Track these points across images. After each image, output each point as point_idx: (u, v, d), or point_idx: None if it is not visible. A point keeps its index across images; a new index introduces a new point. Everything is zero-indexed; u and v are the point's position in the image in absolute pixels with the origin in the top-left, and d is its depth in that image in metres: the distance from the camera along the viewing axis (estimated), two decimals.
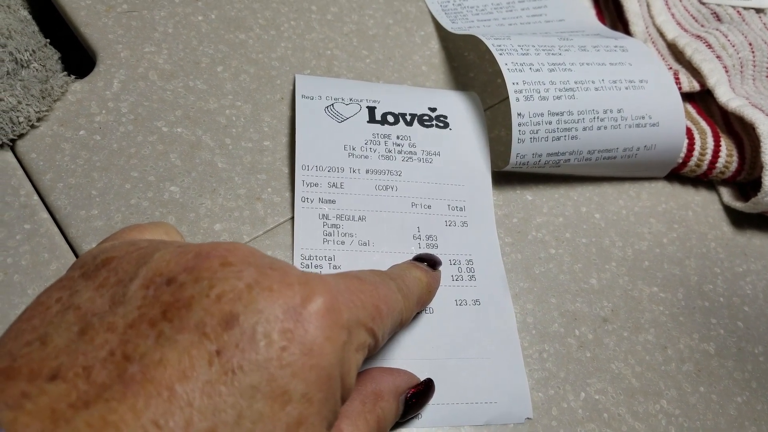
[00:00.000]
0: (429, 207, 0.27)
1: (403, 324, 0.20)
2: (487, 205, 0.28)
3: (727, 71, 0.32)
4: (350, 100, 0.28)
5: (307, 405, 0.14)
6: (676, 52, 0.34)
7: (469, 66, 0.32)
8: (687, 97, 0.33)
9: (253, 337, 0.13)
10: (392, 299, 0.19)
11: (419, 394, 0.21)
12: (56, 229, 0.24)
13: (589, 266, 0.28)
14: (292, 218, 0.25)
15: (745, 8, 0.37)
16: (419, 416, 0.22)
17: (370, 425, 0.19)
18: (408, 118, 0.29)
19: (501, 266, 0.26)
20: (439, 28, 0.33)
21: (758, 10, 0.37)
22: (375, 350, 0.18)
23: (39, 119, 0.25)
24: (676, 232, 0.30)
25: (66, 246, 0.24)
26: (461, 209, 0.27)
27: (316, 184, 0.26)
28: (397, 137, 0.28)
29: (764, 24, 0.36)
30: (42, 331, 0.13)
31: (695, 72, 0.32)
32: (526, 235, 0.28)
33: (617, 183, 0.30)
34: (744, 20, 0.36)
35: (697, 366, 0.26)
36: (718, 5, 0.37)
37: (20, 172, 0.25)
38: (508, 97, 0.32)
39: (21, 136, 0.25)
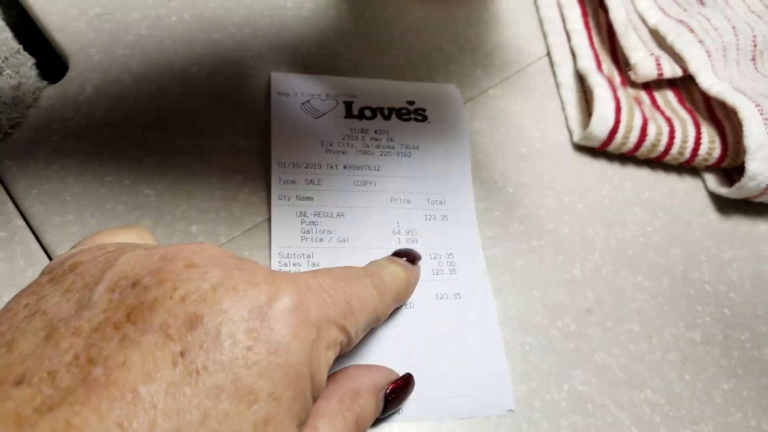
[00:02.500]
0: (408, 201, 0.26)
1: (379, 320, 0.20)
2: (467, 197, 0.27)
3: (709, 55, 0.32)
4: (326, 95, 0.28)
5: (274, 404, 0.14)
6: (658, 38, 0.33)
7: (449, 59, 0.32)
8: (669, 83, 0.33)
9: (217, 338, 0.13)
10: (366, 295, 0.19)
11: (399, 389, 0.21)
12: (31, 236, 0.24)
13: (572, 257, 0.27)
14: (269, 218, 0.25)
15: None
16: (400, 411, 0.22)
17: (348, 424, 0.18)
18: (386, 112, 0.28)
19: (482, 259, 0.26)
20: (418, 21, 0.33)
21: None
22: (348, 347, 0.18)
23: (12, 127, 0.25)
24: (660, 221, 0.29)
25: (41, 252, 0.23)
26: (441, 203, 0.27)
27: (293, 182, 0.26)
28: (375, 132, 0.28)
29: (748, 7, 0.36)
30: (9, 337, 0.13)
31: (678, 57, 0.32)
32: (508, 228, 0.28)
33: (599, 172, 0.30)
34: (727, 3, 0.35)
35: (682, 354, 0.26)
36: None
37: None
38: (487, 90, 0.31)
39: None
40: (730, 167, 0.31)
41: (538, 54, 0.33)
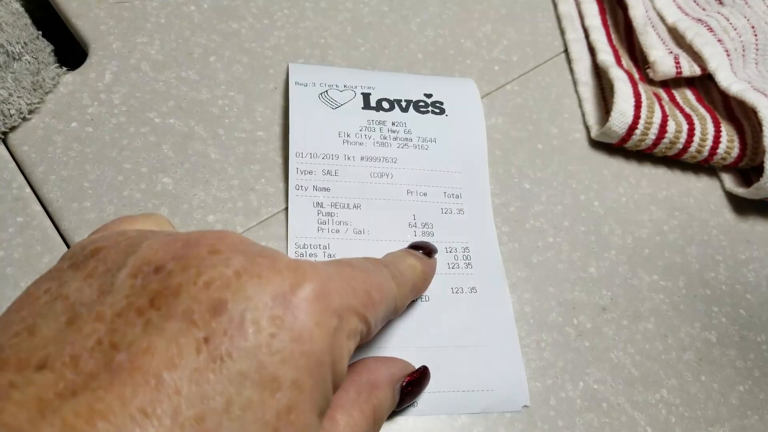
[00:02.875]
0: (425, 194, 0.26)
1: (397, 311, 0.20)
2: (483, 192, 0.27)
3: (728, 55, 0.32)
4: (344, 86, 0.28)
5: (297, 392, 0.13)
6: (676, 36, 0.33)
7: (466, 53, 0.32)
8: (687, 82, 0.33)
9: (241, 324, 0.13)
10: (385, 286, 0.18)
11: (415, 382, 0.21)
12: (49, 222, 0.24)
13: (588, 255, 0.27)
14: (286, 209, 0.25)
15: None
16: (415, 404, 0.22)
17: (365, 415, 0.18)
18: (403, 104, 0.28)
19: (498, 254, 0.26)
20: (435, 15, 0.33)
21: None
22: (368, 338, 0.18)
23: (31, 112, 0.25)
24: (677, 219, 0.29)
25: (59, 238, 0.23)
26: (457, 196, 0.27)
27: (310, 172, 0.25)
28: (393, 123, 0.28)
29: (767, 6, 0.35)
30: (30, 322, 0.13)
31: (696, 56, 0.32)
32: (524, 224, 0.27)
33: (616, 169, 0.30)
34: (746, 3, 0.35)
35: (698, 355, 0.26)
36: None
37: (12, 164, 0.24)
38: (505, 85, 0.31)
39: (13, 128, 0.25)
40: (748, 167, 0.30)
41: (556, 50, 0.33)
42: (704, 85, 0.33)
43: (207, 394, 0.12)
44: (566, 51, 0.33)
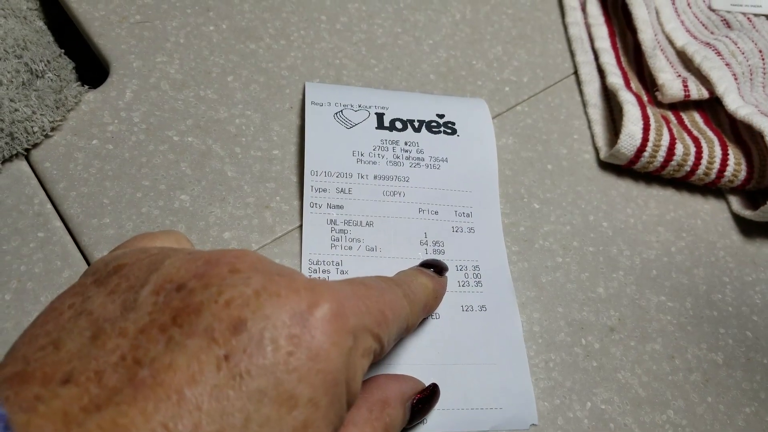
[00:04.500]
0: (436, 213, 0.27)
1: (409, 330, 0.20)
2: (494, 211, 0.28)
3: (736, 79, 0.32)
4: (359, 106, 0.28)
5: (313, 409, 0.14)
6: (685, 59, 0.34)
7: (477, 74, 0.32)
8: (696, 105, 0.33)
9: (260, 342, 0.13)
10: (398, 305, 0.19)
11: (425, 399, 0.22)
12: (69, 238, 0.24)
13: (597, 275, 0.28)
14: (300, 226, 0.26)
15: (755, 15, 0.36)
16: (425, 421, 0.23)
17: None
18: (416, 124, 0.29)
19: (508, 272, 0.26)
20: (448, 36, 0.33)
21: None
22: (381, 356, 0.18)
23: (53, 129, 0.26)
24: (684, 241, 0.30)
25: (78, 254, 0.24)
26: (468, 215, 0.27)
27: (324, 190, 0.26)
28: (405, 143, 0.28)
29: None
30: (55, 336, 0.14)
31: (704, 80, 0.32)
32: (533, 244, 0.28)
33: (624, 191, 0.30)
34: (754, 27, 0.36)
35: (704, 376, 0.26)
36: (728, 12, 0.37)
37: (34, 181, 0.25)
38: (515, 106, 0.32)
39: (35, 145, 0.26)
40: (755, 190, 0.31)
41: (566, 72, 0.34)
42: (712, 108, 0.33)
43: (226, 410, 0.12)
44: (576, 73, 0.34)
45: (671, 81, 0.32)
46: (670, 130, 0.30)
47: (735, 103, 0.31)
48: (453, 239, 0.26)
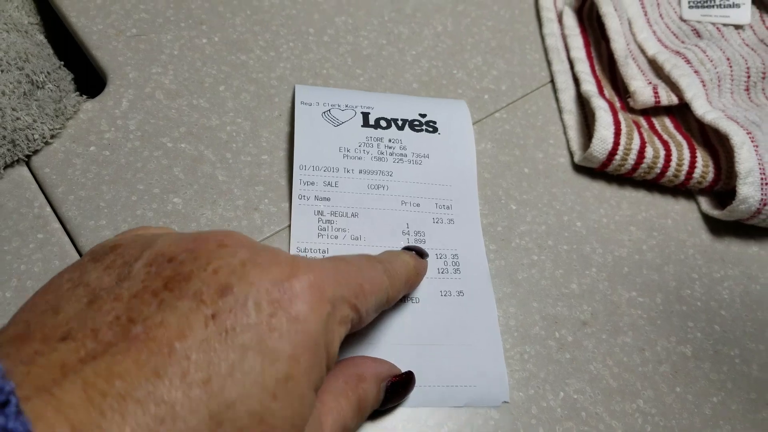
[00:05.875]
0: (418, 205, 0.28)
1: (389, 302, 0.22)
2: (472, 204, 0.29)
3: (704, 85, 0.34)
4: (346, 106, 0.30)
5: (294, 364, 0.15)
6: (656, 67, 0.35)
7: (458, 83, 0.34)
8: (667, 110, 0.35)
9: (245, 305, 0.15)
10: (377, 279, 0.20)
11: (400, 383, 0.23)
12: (67, 239, 0.26)
13: (570, 272, 0.29)
14: (289, 226, 0.27)
15: (724, 25, 0.38)
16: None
17: (351, 403, 0.20)
18: (399, 123, 0.30)
19: (485, 261, 0.28)
20: (430, 48, 0.35)
21: (737, 27, 0.38)
22: (359, 325, 0.20)
23: (52, 136, 0.27)
24: (655, 240, 0.31)
25: (75, 254, 0.25)
26: (448, 207, 0.29)
27: (312, 183, 0.27)
28: (389, 140, 0.30)
29: (743, 40, 0.38)
30: (54, 303, 0.15)
31: (674, 86, 0.34)
32: (510, 243, 0.29)
33: (598, 192, 0.32)
34: (723, 36, 0.37)
35: (674, 367, 0.27)
36: (699, 22, 0.38)
37: (34, 185, 0.26)
38: (494, 113, 0.33)
39: (36, 152, 0.27)
40: (723, 190, 0.32)
41: (542, 80, 0.35)
42: (683, 113, 0.35)
43: (213, 361, 0.14)
44: (552, 81, 0.35)
45: (642, 88, 0.33)
46: (640, 134, 0.31)
47: (702, 108, 0.33)
48: (434, 229, 0.28)
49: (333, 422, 0.19)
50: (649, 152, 0.31)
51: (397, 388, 0.23)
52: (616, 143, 0.31)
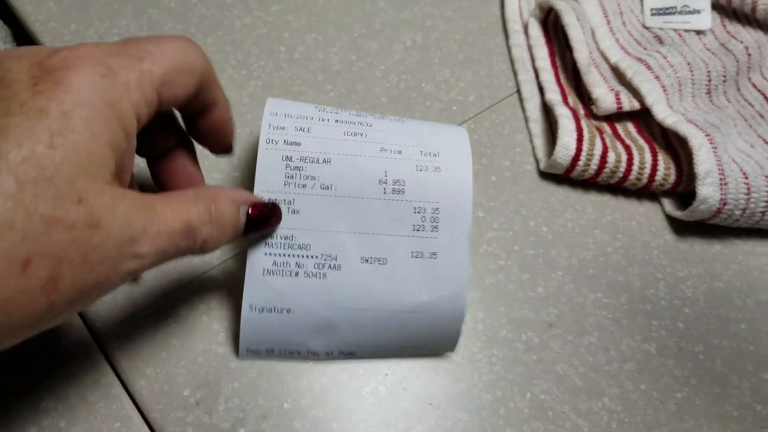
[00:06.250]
0: (400, 152, 0.25)
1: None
2: (464, 149, 0.26)
3: (665, 90, 0.35)
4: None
5: (65, 121, 0.16)
6: (618, 74, 0.36)
7: (426, 96, 0.35)
8: (629, 115, 0.36)
9: (3, 81, 0.16)
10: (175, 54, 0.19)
11: (262, 210, 0.22)
12: None
13: (537, 276, 0.30)
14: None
15: (686, 31, 0.39)
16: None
17: (200, 208, 0.19)
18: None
19: (469, 216, 0.25)
20: (399, 62, 0.36)
21: (698, 32, 0.39)
22: (163, 106, 0.19)
23: None
24: (620, 242, 0.32)
25: None
26: (435, 155, 0.26)
27: (282, 128, 0.25)
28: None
29: (704, 45, 0.39)
30: None
31: (635, 92, 0.35)
32: (478, 249, 0.30)
33: (563, 197, 0.33)
34: (685, 42, 0.39)
35: (638, 365, 0.28)
36: (661, 29, 0.39)
37: None
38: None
39: None
40: (685, 192, 0.33)
41: (509, 91, 0.36)
42: (645, 118, 0.36)
43: None
44: (518, 91, 0.36)
45: (605, 95, 0.34)
46: (602, 140, 0.32)
47: (663, 113, 0.34)
48: (416, 178, 0.25)
49: (172, 212, 0.18)
50: (611, 157, 0.32)
51: (259, 213, 0.22)
52: (579, 149, 0.32)
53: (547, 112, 0.35)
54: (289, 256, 0.24)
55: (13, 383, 0.24)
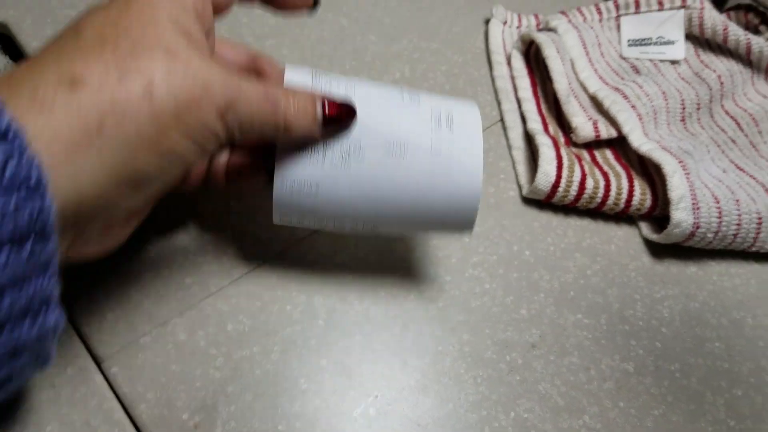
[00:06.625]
0: (417, 94, 0.26)
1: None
2: (474, 113, 0.27)
3: (641, 119, 0.37)
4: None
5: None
6: (596, 103, 0.38)
7: None
8: (608, 143, 0.38)
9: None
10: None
11: (338, 108, 0.23)
12: None
13: (520, 298, 0.31)
14: (255, 269, 0.29)
15: (661, 61, 0.41)
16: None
17: (278, 90, 0.21)
18: None
19: (479, 118, 0.26)
20: None
21: (673, 62, 0.41)
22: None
23: None
24: (599, 264, 0.33)
25: None
26: (450, 120, 0.26)
27: (304, 68, 0.26)
28: None
29: (678, 74, 0.41)
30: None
31: (612, 121, 0.37)
32: (464, 273, 0.32)
33: (545, 222, 0.34)
34: (660, 71, 0.40)
35: (617, 384, 0.30)
36: (637, 59, 0.41)
37: None
38: None
39: None
40: (661, 216, 0.35)
41: (493, 119, 0.38)
42: (622, 145, 0.38)
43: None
44: (502, 120, 0.38)
45: (583, 123, 0.36)
46: (581, 167, 0.34)
47: (638, 141, 0.35)
48: (430, 94, 0.26)
49: (254, 86, 0.20)
50: (589, 183, 0.34)
51: (337, 112, 0.23)
52: (559, 176, 0.33)
53: (529, 140, 0.37)
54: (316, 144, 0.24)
55: (17, 408, 0.25)
